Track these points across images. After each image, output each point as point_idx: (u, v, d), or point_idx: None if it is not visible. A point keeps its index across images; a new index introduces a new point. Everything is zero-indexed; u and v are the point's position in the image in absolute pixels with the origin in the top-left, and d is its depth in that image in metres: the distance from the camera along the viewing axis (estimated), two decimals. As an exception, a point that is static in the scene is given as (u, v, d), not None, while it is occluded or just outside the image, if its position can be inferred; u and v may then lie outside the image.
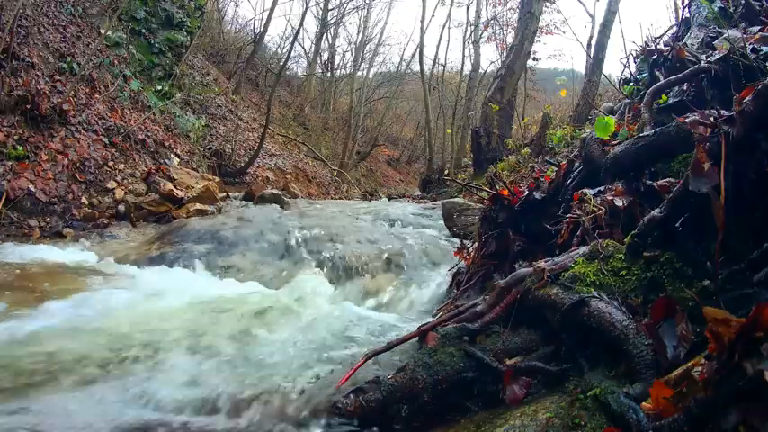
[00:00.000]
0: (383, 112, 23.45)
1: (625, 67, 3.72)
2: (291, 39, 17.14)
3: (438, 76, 20.92)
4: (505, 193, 2.56)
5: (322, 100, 21.65)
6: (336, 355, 1.95)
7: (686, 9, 3.33)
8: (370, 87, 22.87)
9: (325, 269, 3.88)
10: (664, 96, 2.41)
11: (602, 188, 2.04)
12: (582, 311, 1.38)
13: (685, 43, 2.79)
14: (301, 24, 17.67)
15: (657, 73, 2.74)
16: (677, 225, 1.41)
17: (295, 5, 39.64)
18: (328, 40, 22.49)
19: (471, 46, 17.77)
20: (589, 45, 10.66)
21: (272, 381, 1.72)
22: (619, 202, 1.84)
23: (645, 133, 1.94)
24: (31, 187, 4.59)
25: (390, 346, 1.64)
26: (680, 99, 2.32)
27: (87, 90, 6.15)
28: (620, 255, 1.53)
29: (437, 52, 24.52)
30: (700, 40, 2.70)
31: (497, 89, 10.08)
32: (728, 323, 0.78)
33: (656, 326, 1.23)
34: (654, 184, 1.82)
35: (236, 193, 7.68)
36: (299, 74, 22.06)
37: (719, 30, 2.62)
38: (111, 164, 5.70)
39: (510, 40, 14.10)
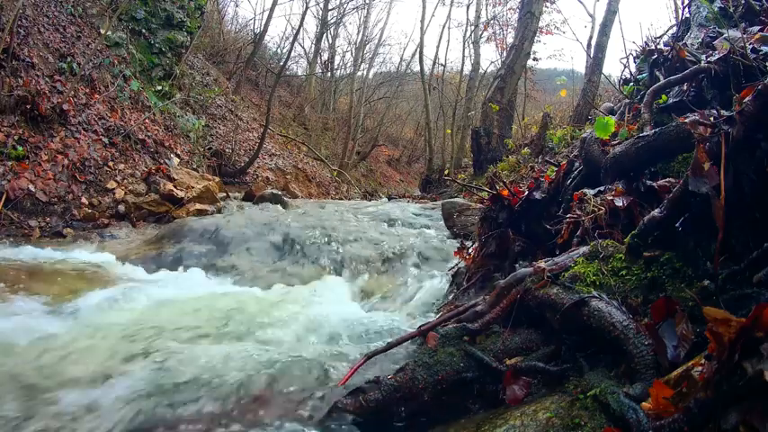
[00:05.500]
0: (383, 112, 23.42)
1: (625, 67, 3.73)
2: (291, 39, 17.16)
3: (438, 76, 20.89)
4: (505, 193, 2.56)
5: (322, 100, 21.64)
6: (336, 355, 1.95)
7: (686, 9, 3.34)
8: (370, 87, 22.86)
9: (324, 269, 3.89)
10: (664, 96, 2.41)
11: (602, 188, 2.05)
12: (582, 311, 1.38)
13: (685, 43, 2.79)
14: (301, 24, 17.72)
15: (657, 73, 2.74)
16: (677, 225, 1.41)
17: (295, 5, 39.68)
18: (328, 40, 22.52)
19: (471, 46, 17.75)
20: (589, 45, 10.64)
21: (273, 381, 1.72)
22: (619, 202, 1.84)
23: (645, 133, 1.94)
24: (31, 187, 4.59)
25: (390, 346, 1.64)
26: (680, 99, 2.32)
27: (87, 90, 6.15)
28: (620, 255, 1.53)
29: (437, 52, 24.60)
30: (700, 40, 2.70)
31: (497, 89, 10.07)
32: (728, 323, 0.78)
33: (656, 326, 1.23)
34: (654, 184, 1.82)
35: (237, 193, 7.67)
36: (299, 74, 22.06)
37: (719, 30, 2.62)
38: (111, 164, 5.70)
39: (510, 40, 14.08)
